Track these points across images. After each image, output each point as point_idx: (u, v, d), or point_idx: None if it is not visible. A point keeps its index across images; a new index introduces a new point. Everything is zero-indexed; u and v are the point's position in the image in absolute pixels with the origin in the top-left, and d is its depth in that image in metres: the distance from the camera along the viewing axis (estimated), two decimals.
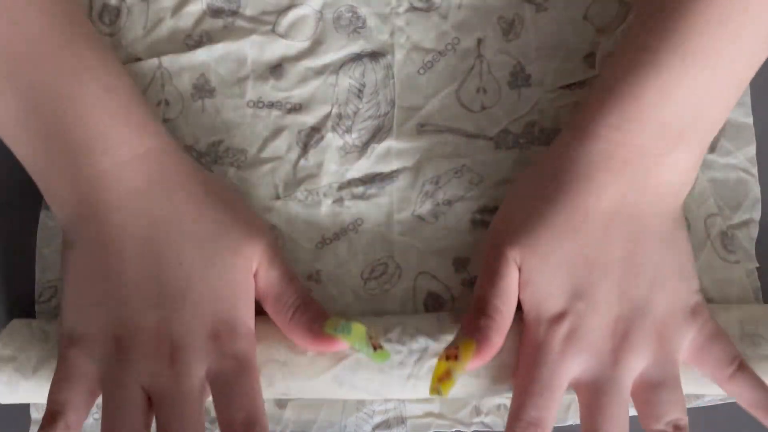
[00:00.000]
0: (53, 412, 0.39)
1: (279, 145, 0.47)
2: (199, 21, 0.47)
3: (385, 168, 0.47)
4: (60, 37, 0.41)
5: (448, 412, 0.45)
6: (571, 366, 0.40)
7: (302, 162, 0.46)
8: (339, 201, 0.46)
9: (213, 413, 0.44)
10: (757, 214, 0.46)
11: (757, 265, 0.46)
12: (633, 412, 0.44)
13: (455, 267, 0.46)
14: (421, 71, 0.47)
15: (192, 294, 0.40)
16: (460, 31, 0.47)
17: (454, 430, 0.45)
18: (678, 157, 0.41)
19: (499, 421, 0.45)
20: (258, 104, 0.47)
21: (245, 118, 0.47)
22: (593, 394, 0.40)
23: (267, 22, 0.47)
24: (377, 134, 0.47)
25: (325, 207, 0.46)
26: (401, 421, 0.45)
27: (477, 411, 0.45)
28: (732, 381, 0.41)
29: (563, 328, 0.40)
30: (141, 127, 0.42)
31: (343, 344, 0.40)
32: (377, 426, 0.45)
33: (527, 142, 0.47)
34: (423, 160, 0.47)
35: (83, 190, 0.41)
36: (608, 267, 0.41)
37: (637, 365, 0.40)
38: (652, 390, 0.40)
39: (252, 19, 0.47)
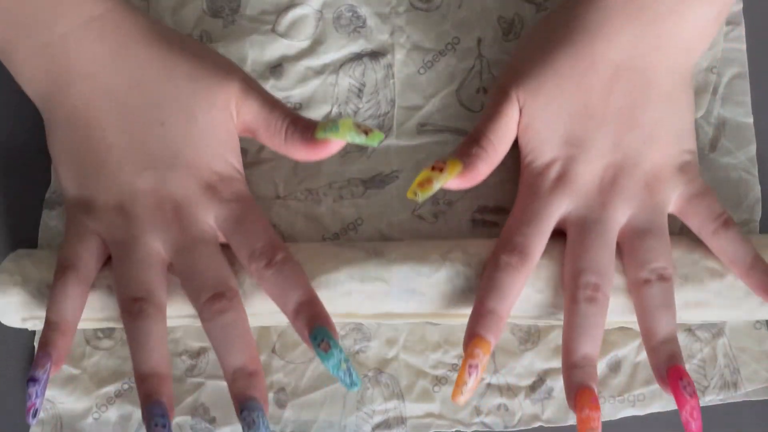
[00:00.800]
0: (64, 267, 0.41)
1: None
2: (199, 20, 0.47)
3: (385, 167, 0.47)
4: None
5: (448, 413, 0.45)
6: (559, 203, 0.42)
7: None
8: (339, 200, 0.46)
9: (212, 413, 0.44)
10: (757, 214, 0.46)
11: None
12: (629, 412, 0.44)
13: None
14: (421, 71, 0.47)
15: (181, 153, 0.41)
16: (460, 31, 0.47)
17: (454, 430, 0.45)
18: (697, 8, 0.41)
19: (499, 421, 0.45)
20: None
21: None
22: (579, 233, 0.41)
23: (267, 22, 0.47)
24: None
25: (325, 206, 0.46)
26: (401, 421, 0.45)
27: (477, 411, 0.45)
28: (716, 235, 0.42)
29: (554, 171, 0.42)
30: None
31: (338, 143, 0.41)
32: (377, 426, 0.45)
33: None
34: (423, 160, 0.47)
35: (47, 60, 0.41)
36: (607, 117, 0.41)
37: (623, 211, 0.41)
38: (639, 237, 0.41)
39: (252, 18, 0.47)
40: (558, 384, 0.45)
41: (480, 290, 0.41)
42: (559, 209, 0.42)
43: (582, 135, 0.42)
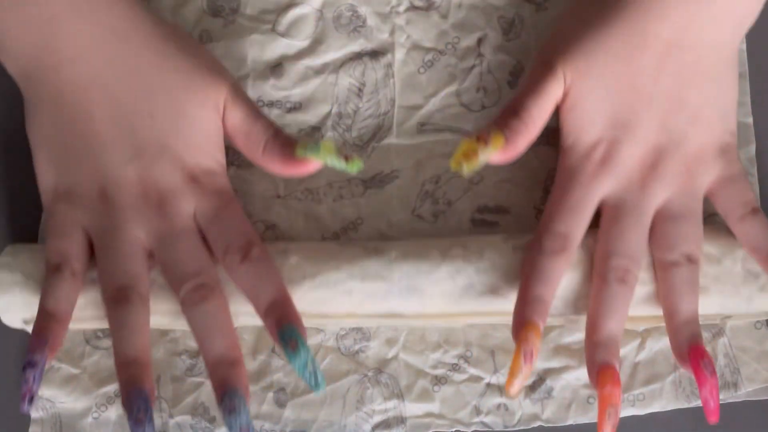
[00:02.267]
0: (57, 264, 0.40)
1: None
2: (199, 20, 0.47)
3: (386, 167, 0.47)
4: None
5: (448, 412, 0.45)
6: (601, 188, 0.41)
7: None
8: (339, 200, 0.46)
9: (212, 412, 0.44)
10: None
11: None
12: (629, 412, 0.44)
13: None
14: (421, 70, 0.47)
15: (168, 144, 0.41)
16: (461, 31, 0.47)
17: (453, 430, 0.45)
18: None
19: (499, 421, 0.45)
20: (258, 103, 0.47)
21: None
22: (615, 216, 0.41)
23: (267, 21, 0.47)
24: (377, 133, 0.47)
25: (325, 206, 0.46)
26: (401, 420, 0.45)
27: (477, 411, 0.45)
28: (742, 221, 0.42)
29: (598, 153, 0.41)
30: None
31: (316, 164, 0.40)
32: (377, 426, 0.45)
33: None
34: (423, 160, 0.47)
35: (36, 39, 0.40)
36: (654, 98, 0.41)
37: (661, 194, 0.41)
38: (672, 220, 0.41)
39: (252, 18, 0.47)
40: (558, 384, 0.45)
41: (523, 277, 0.41)
42: (601, 193, 0.41)
43: (629, 116, 0.41)
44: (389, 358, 0.45)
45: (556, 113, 0.43)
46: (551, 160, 0.46)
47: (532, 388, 0.45)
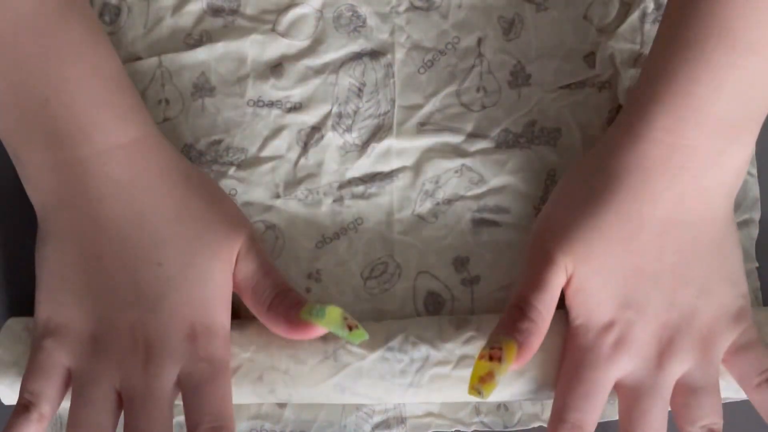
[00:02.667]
0: (27, 403, 0.39)
1: (279, 144, 0.46)
2: (199, 20, 0.47)
3: (385, 167, 0.47)
4: (51, 15, 0.39)
5: (448, 412, 0.45)
6: (617, 370, 0.40)
7: (302, 161, 0.46)
8: (339, 200, 0.46)
9: None
10: (756, 214, 0.46)
11: (757, 264, 0.46)
12: None
13: (455, 266, 0.46)
14: (422, 70, 0.47)
15: (170, 296, 0.40)
16: (461, 31, 0.47)
17: (453, 430, 0.45)
18: (732, 154, 0.40)
19: (499, 421, 0.45)
20: (258, 103, 0.47)
21: (245, 117, 0.47)
22: (635, 397, 0.40)
23: (267, 21, 0.47)
24: (377, 133, 0.47)
25: (326, 206, 0.46)
26: (401, 421, 0.45)
27: (477, 411, 0.45)
28: (759, 389, 0.41)
29: (612, 336, 0.40)
30: (126, 116, 0.41)
31: (320, 330, 0.40)
32: (377, 426, 0.45)
33: (527, 141, 0.47)
34: (423, 160, 0.46)
35: (61, 177, 0.40)
36: (659, 276, 0.40)
37: (679, 370, 0.40)
38: (692, 394, 0.40)
39: (252, 18, 0.47)
40: None
41: None
42: (617, 375, 0.40)
43: (637, 296, 0.40)
44: None
45: None
46: (551, 160, 0.46)
47: None
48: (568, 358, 0.41)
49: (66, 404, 0.44)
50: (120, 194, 0.40)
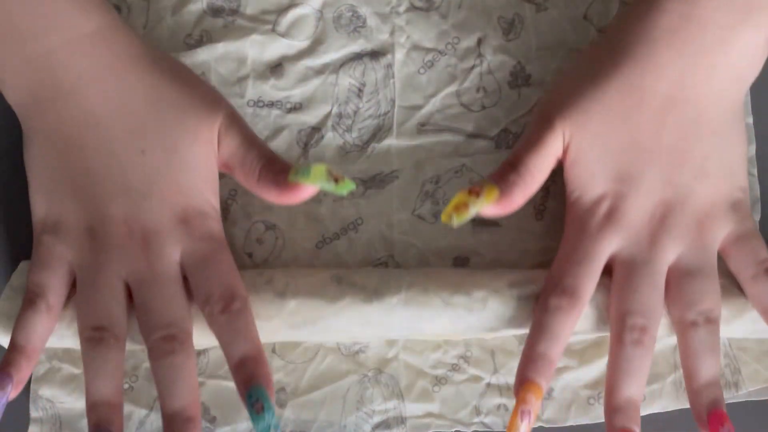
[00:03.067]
0: (33, 296, 0.40)
1: (279, 144, 0.47)
2: (199, 20, 0.47)
3: (386, 167, 0.47)
4: None
5: (448, 413, 0.45)
6: (609, 242, 0.41)
7: (302, 161, 0.46)
8: (339, 200, 0.46)
9: (212, 412, 0.44)
10: (756, 214, 0.46)
11: None
12: (644, 411, 0.44)
13: (455, 266, 0.46)
14: (422, 70, 0.47)
15: (158, 183, 0.41)
16: (461, 31, 0.47)
17: (453, 430, 0.45)
18: (745, 34, 0.40)
19: (499, 421, 0.45)
20: (258, 103, 0.47)
21: (245, 118, 0.46)
22: (627, 273, 0.40)
23: (267, 22, 0.47)
24: (377, 133, 0.47)
25: (326, 206, 0.46)
26: (401, 421, 0.45)
27: (477, 411, 0.45)
28: (755, 281, 0.41)
29: (603, 208, 0.41)
30: (85, 6, 0.41)
31: (309, 189, 0.40)
32: (377, 426, 0.45)
33: None
34: (423, 160, 0.47)
35: (33, 73, 0.40)
36: (656, 152, 0.41)
37: (673, 250, 0.41)
38: (687, 277, 0.40)
39: (252, 18, 0.47)
40: (558, 384, 0.45)
41: (530, 333, 0.40)
42: (609, 247, 0.41)
43: (632, 171, 0.41)
44: (389, 358, 0.45)
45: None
46: None
47: None
48: (566, 232, 0.42)
49: (67, 405, 0.44)
50: (92, 84, 0.40)
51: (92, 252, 0.41)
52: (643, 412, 0.44)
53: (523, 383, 0.39)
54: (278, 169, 0.41)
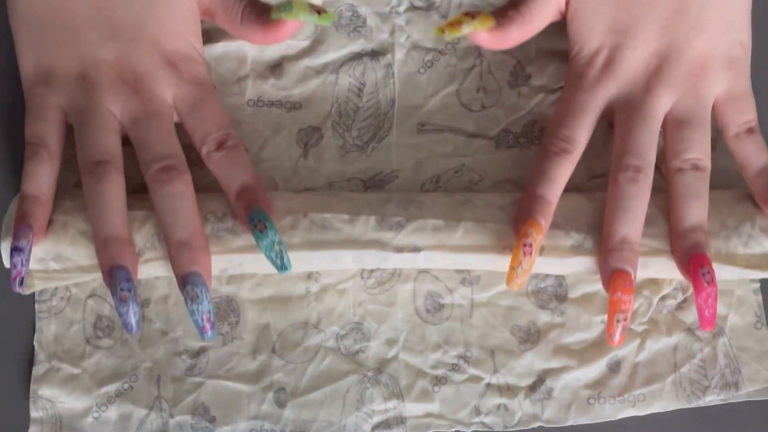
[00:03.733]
0: (34, 145, 0.41)
1: (279, 143, 0.47)
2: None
3: (385, 167, 0.47)
4: None
5: (448, 413, 0.45)
6: (606, 92, 0.42)
7: (302, 161, 0.46)
8: None
9: (212, 412, 0.44)
10: None
11: None
12: (630, 413, 0.44)
13: (455, 268, 0.46)
14: (422, 70, 0.47)
15: (145, 26, 0.42)
16: None
17: (453, 430, 0.45)
18: None
19: (499, 421, 0.45)
20: (258, 103, 0.47)
21: (245, 117, 0.47)
22: (624, 119, 0.42)
23: None
24: (377, 133, 0.47)
25: None
26: (401, 421, 0.45)
27: (477, 411, 0.45)
28: (737, 138, 0.42)
29: (600, 59, 0.42)
30: None
31: (293, 24, 0.41)
32: (376, 426, 0.45)
33: (527, 141, 0.47)
34: (423, 160, 0.46)
35: None
36: (653, 3, 0.42)
37: (667, 97, 0.42)
38: (678, 126, 0.42)
39: None
40: (558, 384, 0.45)
41: (529, 178, 0.42)
42: (604, 98, 0.42)
43: (629, 21, 0.42)
44: (389, 358, 0.45)
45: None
46: None
47: (532, 388, 0.45)
48: (565, 86, 0.44)
49: (67, 405, 0.44)
50: None
51: (85, 96, 0.41)
52: (644, 412, 0.44)
53: (525, 220, 0.40)
54: (260, 10, 0.42)
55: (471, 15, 0.41)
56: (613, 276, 0.40)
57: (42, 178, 0.41)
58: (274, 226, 0.39)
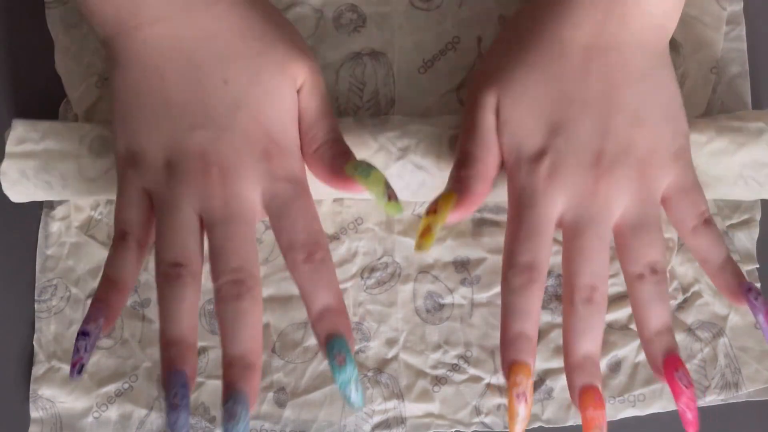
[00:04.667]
0: (123, 232, 0.39)
1: None
2: None
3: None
4: None
5: (448, 413, 0.45)
6: (555, 204, 0.40)
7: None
8: (339, 200, 0.46)
9: (212, 412, 0.44)
10: (757, 214, 0.46)
11: (757, 265, 0.46)
12: (630, 413, 0.44)
13: (455, 266, 0.46)
14: (422, 70, 0.47)
15: (239, 114, 0.39)
16: (461, 30, 0.47)
17: (453, 430, 0.45)
18: None
19: (499, 421, 0.45)
20: None
21: None
22: (573, 233, 0.40)
23: None
24: None
25: (326, 206, 0.46)
26: (401, 421, 0.45)
27: (477, 411, 0.45)
28: (694, 233, 0.41)
29: (544, 167, 0.40)
30: None
31: (359, 187, 0.39)
32: (376, 426, 0.45)
33: None
34: None
35: (117, 2, 0.39)
36: (587, 102, 0.40)
37: (618, 203, 0.40)
38: (632, 232, 0.40)
39: None
40: (558, 384, 0.45)
41: (502, 316, 0.39)
42: (555, 212, 0.40)
43: (565, 121, 0.40)
44: (389, 358, 0.45)
45: None
46: None
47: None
48: (509, 203, 0.41)
49: (68, 405, 0.44)
50: (179, 13, 0.39)
51: (169, 186, 0.39)
52: (644, 412, 0.44)
53: (511, 366, 0.38)
54: (338, 152, 0.40)
55: (431, 209, 0.38)
56: (582, 393, 0.38)
57: (125, 265, 0.39)
58: (353, 360, 0.37)
